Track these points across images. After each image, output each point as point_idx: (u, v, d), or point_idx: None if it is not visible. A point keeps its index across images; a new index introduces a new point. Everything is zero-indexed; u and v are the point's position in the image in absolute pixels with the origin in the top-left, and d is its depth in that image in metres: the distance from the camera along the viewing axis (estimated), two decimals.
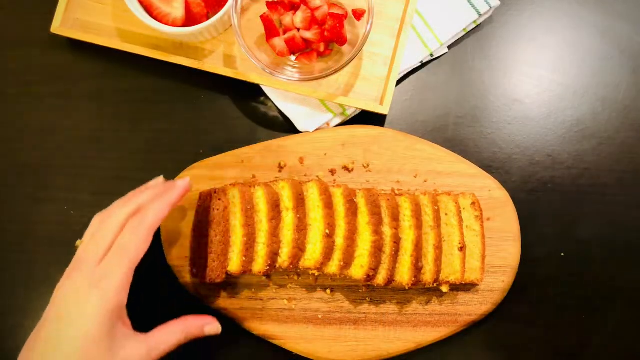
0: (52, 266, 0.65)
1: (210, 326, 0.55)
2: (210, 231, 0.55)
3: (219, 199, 0.56)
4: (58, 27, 0.65)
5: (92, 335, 0.45)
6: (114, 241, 0.49)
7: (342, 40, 0.63)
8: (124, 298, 0.48)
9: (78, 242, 0.52)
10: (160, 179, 0.57)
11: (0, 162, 0.67)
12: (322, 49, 0.65)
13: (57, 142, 0.68)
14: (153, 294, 0.64)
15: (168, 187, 0.53)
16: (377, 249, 0.57)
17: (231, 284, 0.62)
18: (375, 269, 0.57)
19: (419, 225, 0.58)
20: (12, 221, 0.67)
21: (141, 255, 0.49)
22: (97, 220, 0.52)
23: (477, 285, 0.62)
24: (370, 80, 0.66)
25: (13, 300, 0.65)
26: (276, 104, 0.67)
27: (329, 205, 0.58)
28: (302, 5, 0.63)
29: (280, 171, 0.64)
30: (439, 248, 0.58)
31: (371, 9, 0.61)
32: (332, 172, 0.64)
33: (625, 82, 0.69)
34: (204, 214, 0.58)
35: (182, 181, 0.54)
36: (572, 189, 0.67)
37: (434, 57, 0.69)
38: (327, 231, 0.57)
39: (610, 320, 0.65)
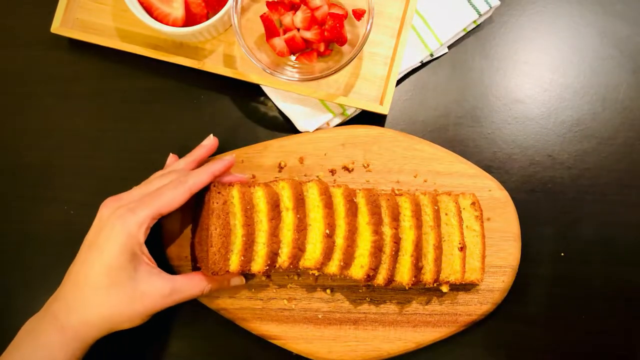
0: (52, 266, 0.65)
1: (236, 279, 0.60)
2: (210, 225, 0.55)
3: (219, 192, 0.56)
4: (58, 27, 0.65)
5: (114, 262, 0.50)
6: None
7: (342, 40, 0.63)
8: (141, 235, 0.52)
9: None
10: (211, 137, 0.62)
11: (0, 162, 0.68)
12: (322, 49, 0.65)
13: (57, 142, 0.68)
14: None
15: (216, 160, 0.58)
16: (377, 249, 0.57)
17: None
18: (375, 269, 0.57)
19: (419, 225, 0.58)
20: (12, 221, 0.67)
21: (170, 207, 0.53)
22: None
23: (477, 285, 0.62)
24: (370, 80, 0.66)
25: (12, 300, 0.66)
26: (276, 104, 0.67)
27: (329, 205, 0.57)
28: (302, 5, 0.63)
29: (280, 171, 0.64)
30: (439, 248, 0.58)
31: (371, 9, 0.61)
32: (332, 172, 0.64)
33: (625, 82, 0.69)
34: (203, 209, 0.58)
35: (228, 157, 0.59)
36: (572, 189, 0.67)
37: (434, 57, 0.69)
38: (327, 231, 0.57)
39: (610, 320, 0.65)
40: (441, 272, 0.59)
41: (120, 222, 0.51)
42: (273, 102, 0.67)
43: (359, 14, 0.63)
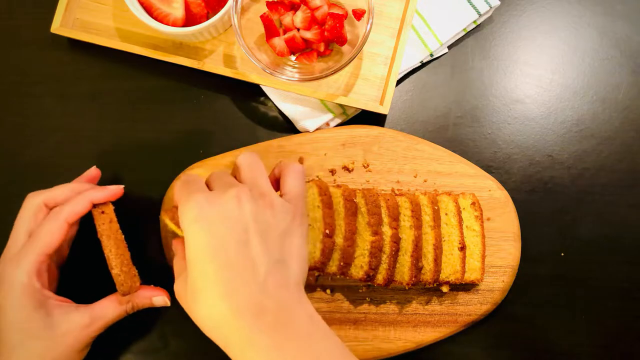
0: None
1: (158, 298, 0.57)
2: (104, 248, 0.53)
3: (102, 212, 0.54)
4: (58, 27, 0.65)
5: (21, 317, 0.49)
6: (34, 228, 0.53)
7: (342, 40, 0.63)
8: (35, 282, 0.50)
9: None
10: (93, 169, 0.61)
11: (0, 162, 0.68)
12: (322, 49, 0.65)
13: (57, 142, 0.68)
14: None
15: (97, 187, 0.56)
16: (377, 249, 0.57)
17: None
18: (375, 268, 0.57)
19: (418, 225, 0.58)
20: (12, 221, 0.67)
21: (54, 243, 0.51)
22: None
23: (477, 285, 0.62)
24: (370, 80, 0.66)
25: None
26: (276, 104, 0.67)
27: (328, 205, 0.57)
28: (302, 5, 0.63)
29: None
30: (439, 248, 0.58)
31: (371, 9, 0.61)
32: (332, 172, 0.64)
33: (625, 82, 0.69)
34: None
35: (113, 187, 0.55)
36: (572, 189, 0.67)
37: (434, 57, 0.69)
38: (327, 231, 0.57)
39: (610, 320, 0.65)
40: (441, 272, 0.59)
41: (9, 278, 0.50)
42: (273, 102, 0.67)
43: (359, 14, 0.63)
